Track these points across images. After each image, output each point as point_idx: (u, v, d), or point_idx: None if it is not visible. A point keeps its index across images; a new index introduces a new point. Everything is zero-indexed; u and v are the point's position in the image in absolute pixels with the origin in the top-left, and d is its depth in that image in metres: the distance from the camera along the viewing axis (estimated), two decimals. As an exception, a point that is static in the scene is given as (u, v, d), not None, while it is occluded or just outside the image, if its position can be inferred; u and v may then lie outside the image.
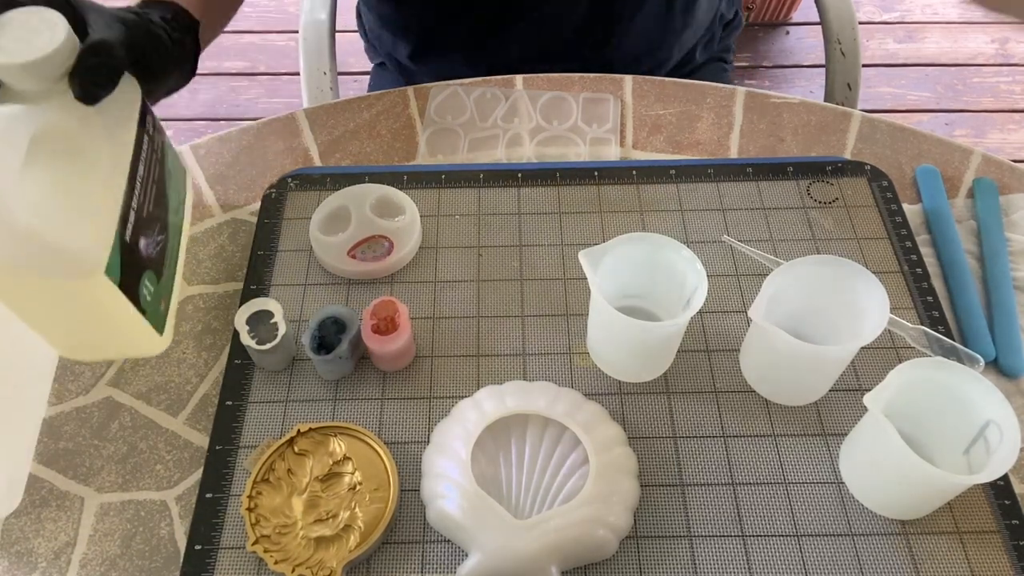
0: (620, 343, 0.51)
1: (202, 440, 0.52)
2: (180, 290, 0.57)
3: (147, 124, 0.52)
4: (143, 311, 0.49)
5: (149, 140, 0.52)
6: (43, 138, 0.44)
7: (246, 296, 0.57)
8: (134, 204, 0.49)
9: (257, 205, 0.64)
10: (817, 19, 0.88)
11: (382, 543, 0.46)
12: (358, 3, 0.92)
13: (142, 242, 0.50)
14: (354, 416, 0.52)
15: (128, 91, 0.51)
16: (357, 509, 0.47)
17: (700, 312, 0.55)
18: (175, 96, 0.56)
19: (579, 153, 0.67)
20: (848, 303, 0.49)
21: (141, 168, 0.50)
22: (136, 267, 0.49)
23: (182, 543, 0.48)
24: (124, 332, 0.51)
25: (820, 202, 0.62)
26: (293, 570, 0.44)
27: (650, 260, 0.50)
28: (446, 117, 0.70)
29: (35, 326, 0.50)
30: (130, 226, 0.48)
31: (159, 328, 0.52)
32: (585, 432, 0.48)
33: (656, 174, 0.64)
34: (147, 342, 0.52)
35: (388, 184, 0.62)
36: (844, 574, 0.45)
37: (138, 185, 0.49)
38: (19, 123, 0.43)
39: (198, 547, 0.47)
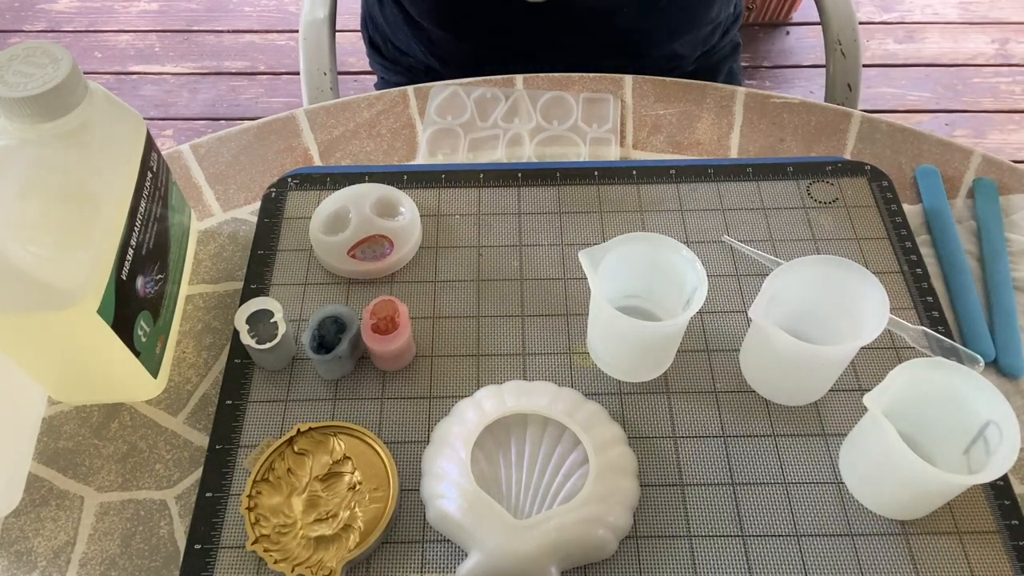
0: (620, 343, 0.51)
1: (202, 439, 0.52)
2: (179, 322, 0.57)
3: (151, 162, 0.51)
4: (137, 352, 0.48)
5: (152, 177, 0.51)
6: (41, 173, 0.43)
7: (246, 295, 0.57)
8: (133, 242, 0.48)
9: (257, 205, 0.64)
10: (817, 19, 0.88)
11: (382, 543, 0.46)
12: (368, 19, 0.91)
13: (139, 281, 0.48)
14: (354, 416, 0.52)
15: (132, 128, 0.50)
16: (357, 509, 0.47)
17: (700, 312, 0.55)
18: (175, 95, 0.56)
19: (579, 153, 0.67)
20: (848, 303, 0.49)
21: (143, 205, 0.49)
22: (131, 307, 0.47)
23: (182, 542, 0.48)
24: (116, 374, 0.50)
25: (820, 202, 0.62)
26: (293, 570, 0.44)
27: (650, 260, 0.50)
28: (446, 117, 0.70)
29: (24, 365, 0.48)
30: (127, 264, 0.47)
31: (153, 371, 0.51)
32: (585, 432, 0.48)
33: (656, 174, 0.64)
34: (140, 386, 0.52)
35: (388, 184, 0.62)
36: (844, 574, 0.45)
37: (138, 223, 0.48)
38: (14, 158, 0.42)
39: (198, 546, 0.47)
